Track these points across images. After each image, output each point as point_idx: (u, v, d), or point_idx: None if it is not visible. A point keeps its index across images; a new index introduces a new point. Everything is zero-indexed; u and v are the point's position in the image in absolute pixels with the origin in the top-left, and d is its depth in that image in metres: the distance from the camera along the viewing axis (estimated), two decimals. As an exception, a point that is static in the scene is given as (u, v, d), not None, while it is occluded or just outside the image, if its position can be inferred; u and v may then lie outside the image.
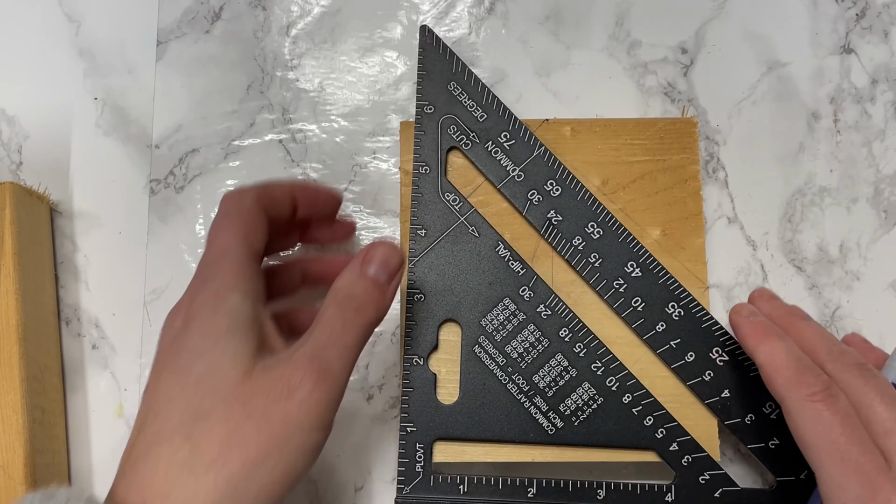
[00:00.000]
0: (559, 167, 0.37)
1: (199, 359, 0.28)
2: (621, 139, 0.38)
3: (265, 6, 0.45)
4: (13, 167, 0.43)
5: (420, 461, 0.35)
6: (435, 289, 0.36)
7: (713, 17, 0.44)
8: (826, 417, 0.29)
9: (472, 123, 0.37)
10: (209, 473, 0.26)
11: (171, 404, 0.28)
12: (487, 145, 0.37)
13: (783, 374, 0.31)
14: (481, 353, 0.36)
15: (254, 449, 0.27)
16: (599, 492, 0.35)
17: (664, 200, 0.37)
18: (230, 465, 0.26)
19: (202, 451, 0.27)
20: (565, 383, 0.35)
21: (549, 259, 0.37)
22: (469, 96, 0.37)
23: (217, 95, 0.44)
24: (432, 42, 0.37)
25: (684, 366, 0.36)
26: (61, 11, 0.45)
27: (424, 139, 0.37)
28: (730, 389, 0.35)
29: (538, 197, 0.37)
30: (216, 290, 0.29)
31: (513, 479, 0.35)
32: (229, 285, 0.29)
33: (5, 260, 0.38)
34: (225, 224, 0.31)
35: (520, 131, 0.37)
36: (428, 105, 0.37)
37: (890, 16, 0.44)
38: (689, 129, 0.38)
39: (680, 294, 0.36)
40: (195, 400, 0.27)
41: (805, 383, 0.30)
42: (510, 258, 0.36)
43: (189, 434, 0.27)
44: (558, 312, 0.36)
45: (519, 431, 0.35)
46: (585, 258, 0.36)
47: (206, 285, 0.29)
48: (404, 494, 0.35)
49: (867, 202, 0.42)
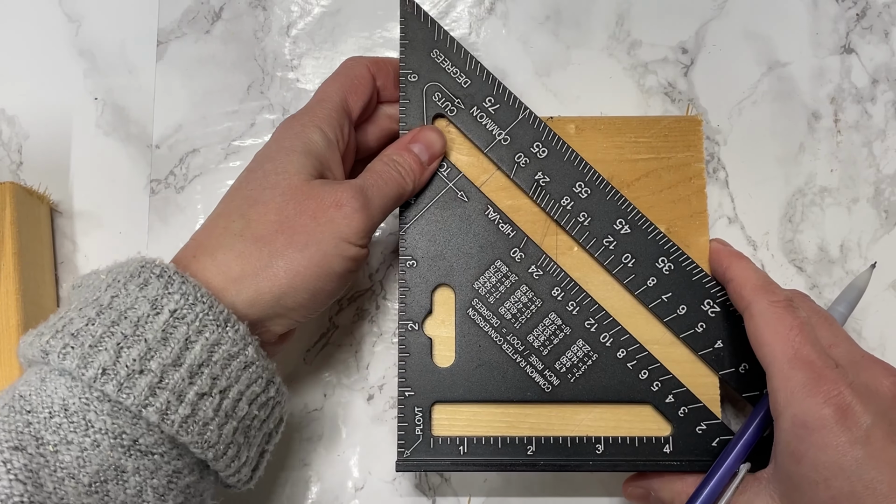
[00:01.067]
0: (545, 129, 0.37)
1: (267, 161, 0.33)
2: (626, 137, 0.38)
3: (265, 6, 0.45)
4: (13, 167, 0.43)
5: (419, 424, 0.35)
6: (427, 254, 0.36)
7: (713, 17, 0.44)
8: (787, 320, 0.31)
9: (457, 90, 0.37)
10: (256, 244, 0.31)
11: (236, 192, 0.33)
12: (472, 111, 0.37)
13: (752, 283, 0.33)
14: (475, 316, 0.36)
15: (298, 237, 0.31)
16: (598, 446, 0.35)
17: (669, 198, 0.37)
18: (274, 244, 0.31)
19: (253, 226, 0.32)
20: (560, 341, 0.36)
21: (552, 222, 0.37)
22: (452, 63, 0.37)
23: (217, 95, 0.44)
24: (413, 11, 0.37)
25: (677, 319, 0.36)
26: (61, 11, 0.45)
27: (410, 107, 0.37)
28: (722, 340, 0.36)
29: (525, 160, 0.37)
30: (302, 125, 0.34)
31: (512, 437, 0.35)
32: (313, 124, 0.34)
33: (5, 260, 0.38)
34: (332, 79, 0.37)
35: (504, 95, 0.37)
36: (412, 73, 0.37)
37: (890, 16, 0.44)
38: (694, 127, 0.38)
39: (669, 248, 0.36)
40: (256, 191, 0.33)
41: (771, 292, 0.33)
42: (500, 221, 0.37)
43: (244, 213, 0.32)
44: (550, 272, 0.36)
45: (516, 391, 0.35)
46: (574, 218, 0.37)
47: (297, 119, 0.35)
48: (405, 458, 0.35)
49: (868, 202, 0.42)
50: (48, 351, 0.27)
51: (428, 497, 0.40)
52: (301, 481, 0.40)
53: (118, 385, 0.27)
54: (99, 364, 0.27)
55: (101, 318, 0.28)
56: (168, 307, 0.29)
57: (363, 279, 0.42)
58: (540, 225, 0.37)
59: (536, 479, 0.40)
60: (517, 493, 0.40)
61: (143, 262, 0.30)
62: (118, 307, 0.29)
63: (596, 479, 0.40)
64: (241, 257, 0.31)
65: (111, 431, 0.27)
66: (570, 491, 0.40)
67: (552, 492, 0.40)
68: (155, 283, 0.29)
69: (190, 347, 0.29)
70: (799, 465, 0.29)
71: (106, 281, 0.30)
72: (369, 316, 0.42)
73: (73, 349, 0.27)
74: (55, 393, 0.27)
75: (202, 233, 0.33)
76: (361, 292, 0.42)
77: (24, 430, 0.26)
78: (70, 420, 0.27)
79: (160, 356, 0.28)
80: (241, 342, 0.30)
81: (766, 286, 0.33)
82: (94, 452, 0.27)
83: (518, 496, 0.40)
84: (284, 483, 0.40)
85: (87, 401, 0.27)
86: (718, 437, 0.35)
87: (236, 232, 0.32)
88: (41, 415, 0.27)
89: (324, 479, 0.40)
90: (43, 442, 0.26)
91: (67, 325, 0.28)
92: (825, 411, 0.29)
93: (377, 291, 0.42)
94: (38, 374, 0.28)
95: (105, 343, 0.28)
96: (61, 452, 0.26)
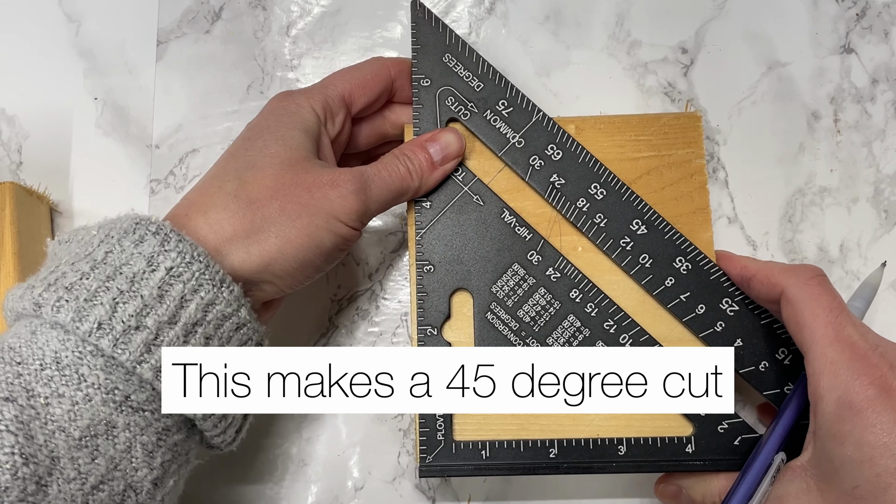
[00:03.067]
0: (559, 131, 0.37)
1: (269, 132, 0.33)
2: (626, 136, 0.38)
3: (265, 6, 0.45)
4: (13, 167, 0.43)
5: (441, 429, 0.35)
6: (444, 259, 0.36)
7: (713, 17, 0.44)
8: (825, 300, 0.31)
9: (470, 93, 0.37)
10: (250, 207, 0.31)
11: (232, 156, 0.33)
12: (486, 114, 0.37)
13: (779, 268, 0.33)
14: (494, 320, 0.36)
15: (291, 206, 0.31)
16: (620, 447, 0.35)
17: (671, 195, 0.37)
18: (267, 208, 0.31)
19: (248, 188, 0.32)
20: (579, 344, 0.36)
21: (557, 223, 0.37)
22: (465, 67, 0.37)
23: (217, 95, 0.44)
24: (424, 16, 0.37)
25: (695, 318, 0.36)
26: (61, 11, 0.45)
27: (423, 112, 0.37)
28: (742, 338, 0.36)
29: (540, 162, 0.37)
30: (298, 104, 0.35)
31: (534, 440, 0.35)
32: (309, 105, 0.35)
33: (5, 260, 0.38)
34: (346, 70, 0.37)
35: (517, 98, 0.37)
36: (424, 78, 0.37)
37: (890, 15, 0.44)
38: (694, 124, 0.38)
39: (686, 248, 0.36)
40: (256, 158, 0.33)
41: (803, 270, 0.32)
42: (516, 224, 0.37)
43: (240, 175, 0.32)
44: (567, 274, 0.36)
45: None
46: (591, 219, 0.37)
47: (293, 97, 0.35)
48: (427, 464, 0.35)
49: (867, 202, 0.42)
50: (41, 304, 0.27)
51: (428, 497, 0.40)
52: (301, 481, 0.40)
53: (114, 340, 0.27)
54: (94, 318, 0.27)
55: (95, 272, 0.28)
56: (164, 265, 0.28)
57: (363, 279, 0.42)
58: (544, 227, 0.37)
59: (536, 481, 0.40)
60: (517, 494, 0.40)
61: (137, 218, 0.30)
62: (113, 262, 0.28)
63: (594, 482, 0.40)
64: (233, 217, 0.31)
65: (104, 386, 0.27)
66: (569, 493, 0.40)
67: (552, 493, 0.40)
68: (151, 239, 0.29)
69: (185, 306, 0.29)
70: (842, 447, 0.29)
71: (98, 236, 0.29)
72: (369, 316, 0.42)
73: (68, 302, 0.27)
74: (47, 346, 0.27)
75: (195, 192, 0.32)
76: (361, 292, 0.42)
77: (13, 381, 0.26)
78: (62, 373, 0.27)
79: (156, 313, 0.28)
80: (235, 303, 0.30)
81: (794, 268, 0.33)
82: (86, 406, 0.27)
83: (518, 499, 0.40)
84: (284, 483, 0.40)
85: (81, 355, 0.27)
86: (741, 436, 0.35)
87: (230, 192, 0.32)
88: (32, 366, 0.26)
89: (324, 479, 0.40)
90: (34, 394, 0.26)
91: (60, 279, 0.28)
92: (870, 392, 0.28)
93: (377, 291, 0.42)
94: (27, 327, 0.28)
95: (100, 297, 0.27)
96: (52, 405, 0.26)
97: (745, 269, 0.35)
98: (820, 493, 0.30)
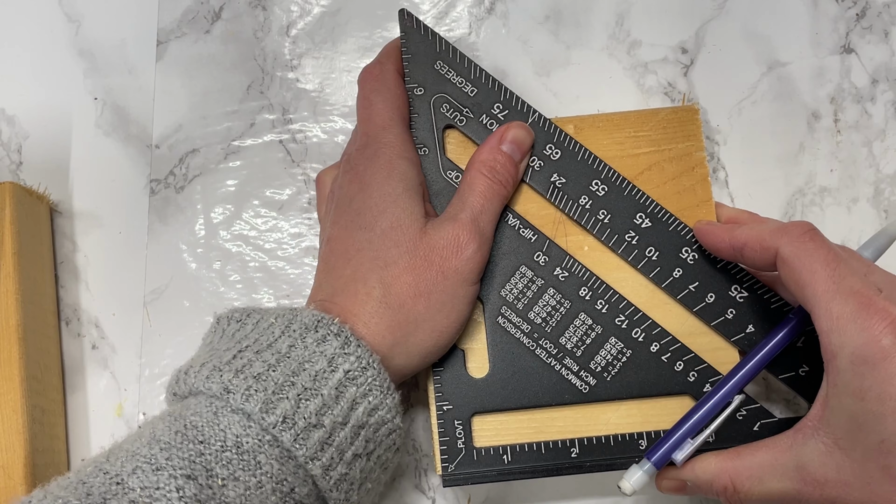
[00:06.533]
0: (556, 130, 0.37)
1: (381, 216, 0.33)
2: (625, 132, 0.38)
3: (265, 6, 0.45)
4: (13, 167, 0.43)
5: (461, 437, 0.35)
6: None
7: (713, 17, 0.44)
8: (821, 254, 0.30)
9: (464, 99, 0.37)
10: (401, 311, 0.32)
11: (362, 253, 0.33)
12: (482, 118, 0.37)
13: (768, 230, 0.32)
14: (505, 324, 0.36)
15: (435, 297, 0.33)
16: (641, 442, 0.35)
17: (673, 190, 0.37)
18: (416, 308, 0.32)
19: (393, 292, 0.32)
20: (592, 341, 0.36)
21: (562, 224, 0.37)
22: (457, 73, 0.37)
23: (217, 95, 0.44)
24: (413, 24, 0.37)
25: (706, 307, 0.36)
26: (61, 11, 0.45)
27: (419, 121, 0.37)
28: (753, 324, 0.36)
29: (539, 163, 0.37)
30: (388, 159, 0.34)
31: (555, 441, 0.35)
32: (398, 154, 0.34)
33: (5, 260, 0.38)
34: (378, 99, 0.36)
35: (512, 100, 0.37)
36: (417, 87, 0.37)
37: (890, 15, 0.44)
38: (692, 117, 0.38)
39: (691, 238, 0.36)
40: (382, 251, 0.33)
41: (793, 227, 0.31)
42: (520, 226, 0.37)
43: (381, 278, 0.33)
44: (575, 273, 0.36)
45: (553, 394, 0.35)
46: (594, 216, 0.37)
47: (378, 155, 0.34)
48: (450, 472, 0.35)
49: (867, 202, 0.42)
50: (230, 390, 0.28)
51: (428, 497, 0.40)
52: (301, 481, 0.40)
53: (295, 435, 0.28)
54: (281, 412, 0.28)
55: (280, 365, 0.29)
56: (343, 367, 0.30)
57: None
58: (549, 228, 0.37)
59: (536, 481, 0.40)
60: (517, 494, 0.40)
61: (318, 315, 0.31)
62: (296, 358, 0.30)
63: (594, 482, 0.40)
64: (391, 325, 0.32)
65: (276, 476, 0.28)
66: (569, 493, 0.40)
67: (551, 494, 0.40)
68: (333, 341, 0.30)
69: (355, 408, 0.30)
70: (863, 402, 0.28)
71: (278, 326, 0.31)
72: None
73: (257, 392, 0.28)
74: (229, 429, 0.28)
75: (345, 298, 0.33)
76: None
77: (196, 459, 0.27)
78: (241, 458, 0.27)
79: (332, 413, 0.29)
80: (395, 410, 0.31)
81: (782, 226, 0.32)
82: (257, 493, 0.27)
83: (518, 499, 0.40)
84: (284, 483, 0.40)
85: (261, 443, 0.28)
86: (759, 421, 0.35)
87: (378, 298, 0.32)
88: (213, 447, 0.27)
89: (323, 479, 0.40)
90: (213, 474, 0.27)
91: (247, 367, 0.29)
92: (885, 342, 0.27)
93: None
94: (209, 407, 0.28)
95: (286, 392, 0.29)
96: (228, 487, 0.27)
97: (735, 240, 0.33)
98: (843, 452, 0.29)
